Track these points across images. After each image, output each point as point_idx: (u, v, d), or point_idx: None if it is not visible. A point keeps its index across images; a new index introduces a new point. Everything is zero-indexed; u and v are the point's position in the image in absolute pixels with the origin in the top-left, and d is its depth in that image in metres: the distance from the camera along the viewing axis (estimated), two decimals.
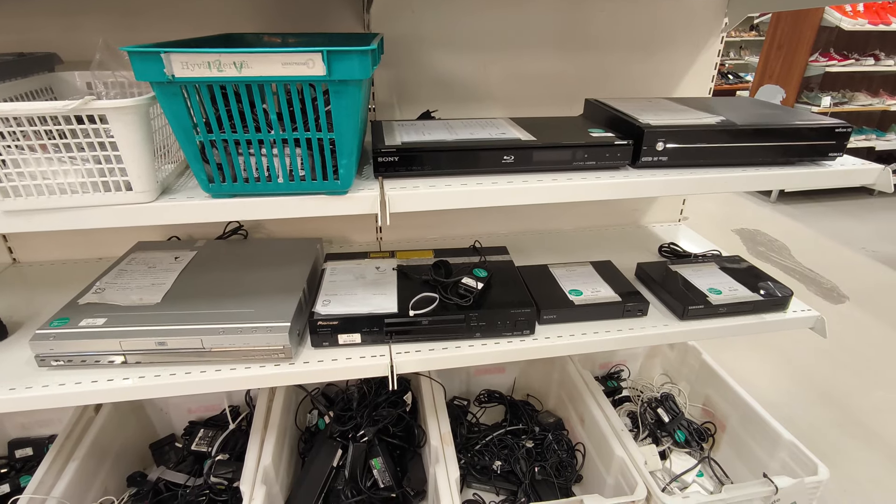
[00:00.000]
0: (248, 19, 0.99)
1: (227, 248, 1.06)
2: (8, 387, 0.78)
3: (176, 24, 0.97)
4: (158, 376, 0.81)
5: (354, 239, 1.24)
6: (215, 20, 0.98)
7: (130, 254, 1.02)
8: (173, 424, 1.28)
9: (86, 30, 0.95)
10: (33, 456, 1.20)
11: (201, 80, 0.58)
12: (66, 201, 0.65)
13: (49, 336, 0.79)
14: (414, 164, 0.75)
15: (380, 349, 0.87)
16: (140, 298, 0.88)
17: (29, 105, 0.57)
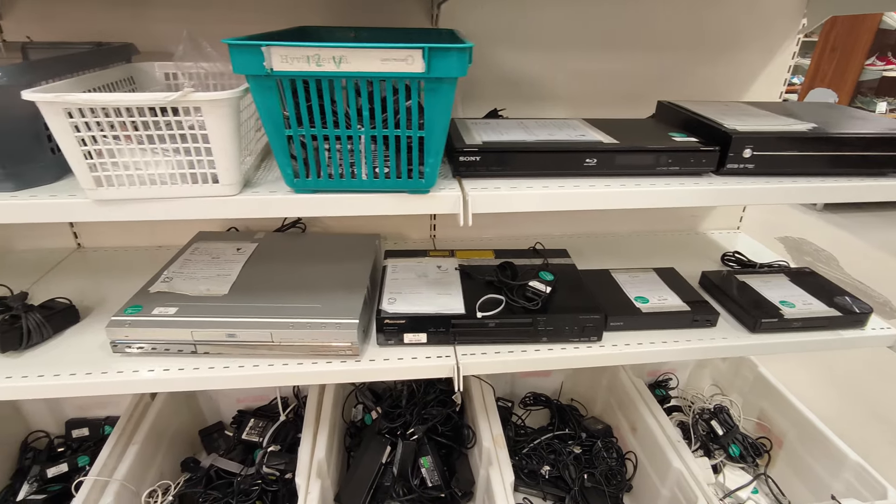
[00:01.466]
0: (315, 12, 0.98)
1: (287, 242, 1.06)
2: (84, 371, 0.80)
3: (246, 15, 0.97)
4: (227, 367, 0.81)
5: (408, 235, 1.23)
6: (284, 13, 0.97)
7: (193, 244, 1.03)
8: (221, 412, 1.30)
9: (159, 20, 0.96)
10: (89, 436, 1.23)
11: (299, 74, 0.58)
12: (155, 192, 0.65)
13: (124, 323, 0.80)
14: (495, 164, 0.74)
15: (444, 350, 0.86)
16: (208, 289, 0.88)
17: (131, 96, 0.57)
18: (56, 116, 0.58)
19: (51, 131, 0.67)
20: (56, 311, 0.87)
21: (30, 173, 0.68)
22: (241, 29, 0.96)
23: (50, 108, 0.58)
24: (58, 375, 0.79)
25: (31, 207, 0.65)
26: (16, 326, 0.82)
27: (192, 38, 0.77)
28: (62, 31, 0.96)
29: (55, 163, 0.71)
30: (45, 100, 0.57)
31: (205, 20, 0.97)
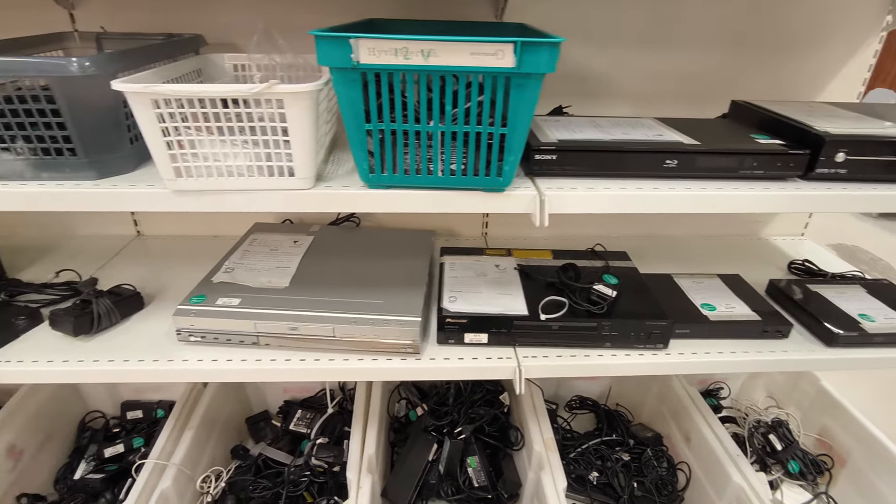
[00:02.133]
0: (381, 5, 0.97)
1: (342, 235, 1.06)
2: (152, 358, 0.81)
3: (312, 7, 0.96)
4: (289, 360, 0.81)
5: (459, 232, 1.22)
6: (350, 5, 0.96)
7: (251, 235, 1.04)
8: (268, 401, 1.31)
9: (226, 12, 0.96)
10: (142, 419, 1.26)
11: (385, 67, 0.56)
12: (232, 184, 0.65)
13: (189, 312, 0.81)
14: (571, 163, 0.71)
15: (505, 351, 0.84)
16: (269, 281, 0.88)
17: (217, 87, 0.57)
18: (143, 107, 0.59)
19: (131, 121, 0.68)
20: (123, 298, 0.89)
21: (111, 162, 0.69)
22: (307, 20, 0.96)
23: (138, 99, 0.58)
24: (127, 361, 0.80)
25: (114, 196, 0.66)
26: (87, 311, 0.84)
27: (267, 29, 0.77)
28: (133, 21, 0.97)
29: (133, 152, 0.72)
30: (135, 90, 0.57)
31: (271, 11, 0.97)
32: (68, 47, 0.90)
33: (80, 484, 1.09)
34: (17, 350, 0.82)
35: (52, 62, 0.59)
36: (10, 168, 0.67)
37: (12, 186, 0.66)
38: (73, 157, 0.66)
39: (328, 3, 0.96)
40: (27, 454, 1.08)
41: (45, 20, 0.97)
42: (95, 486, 1.08)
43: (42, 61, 0.59)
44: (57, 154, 0.66)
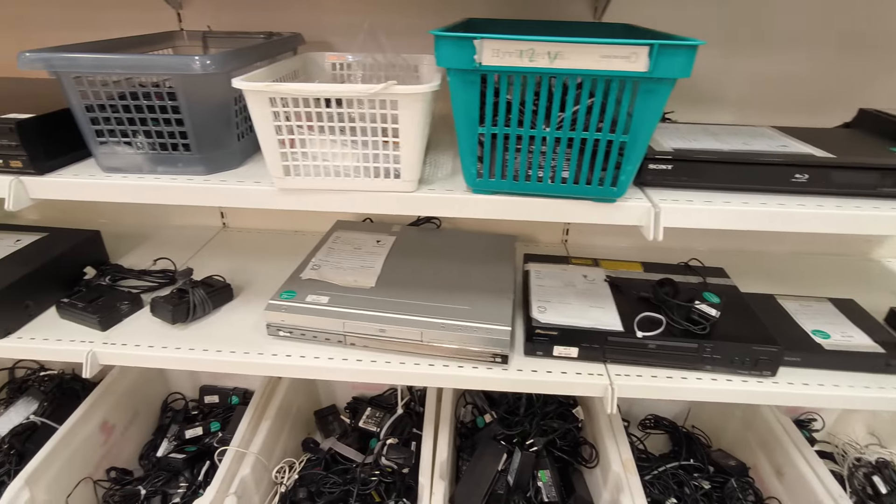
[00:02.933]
0: (475, 5, 0.95)
1: (424, 237, 1.05)
2: (243, 350, 0.82)
3: (410, 7, 0.95)
4: (374, 362, 0.81)
5: (538, 238, 1.18)
6: (448, 5, 0.95)
7: (334, 232, 1.04)
8: (336, 396, 1.33)
9: (324, 11, 0.97)
10: (218, 404, 1.31)
11: (508, 69, 0.54)
12: (339, 184, 0.65)
13: (281, 308, 0.82)
14: (688, 174, 0.67)
15: (596, 367, 0.81)
16: (355, 280, 0.88)
17: (335, 87, 0.57)
18: (260, 105, 0.59)
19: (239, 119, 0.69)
20: (216, 289, 0.91)
21: (219, 158, 0.71)
22: (406, 21, 0.96)
23: (256, 97, 0.59)
24: (220, 352, 0.82)
25: (224, 192, 0.67)
26: (184, 301, 0.87)
27: (372, 29, 0.76)
28: (235, 20, 1.00)
29: (239, 149, 0.73)
30: (257, 89, 0.57)
31: (367, 11, 0.96)
32: (177, 45, 0.93)
33: (164, 462, 1.14)
34: (121, 333, 0.86)
35: (177, 60, 0.61)
36: (130, 161, 0.69)
37: (132, 179, 0.69)
38: (187, 153, 0.68)
39: (422, 4, 0.95)
40: (117, 430, 1.14)
41: (155, 20, 1.01)
42: (177, 466, 1.12)
43: (169, 59, 0.61)
44: (172, 149, 0.68)
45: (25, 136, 0.67)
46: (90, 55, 0.62)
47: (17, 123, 0.66)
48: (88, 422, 1.05)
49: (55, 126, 0.71)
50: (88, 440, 1.05)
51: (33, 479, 0.92)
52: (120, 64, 0.62)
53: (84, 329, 0.87)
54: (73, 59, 0.62)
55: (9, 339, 0.84)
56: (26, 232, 1.02)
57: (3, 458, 1.07)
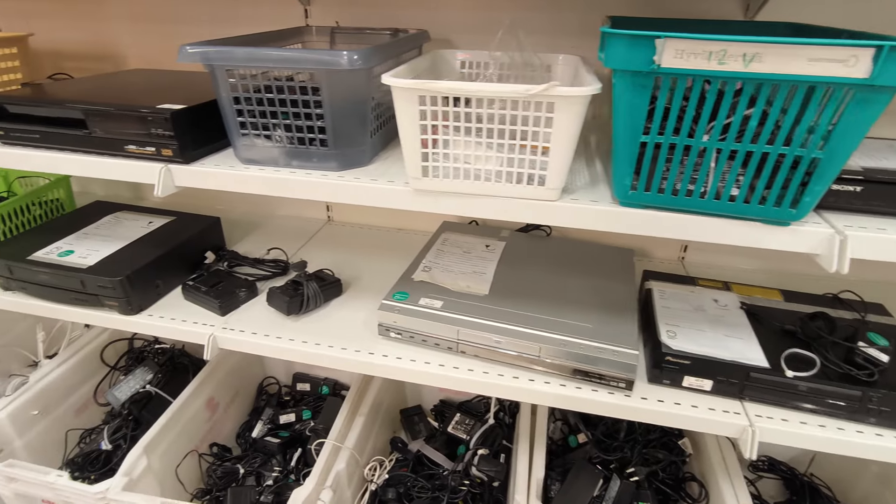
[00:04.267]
0: (612, 2, 0.89)
1: (534, 244, 1.00)
2: (354, 348, 0.82)
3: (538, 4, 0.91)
4: (487, 374, 0.77)
5: (652, 253, 1.10)
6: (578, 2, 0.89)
7: (442, 234, 1.02)
8: (422, 396, 1.32)
9: (451, 8, 0.94)
10: (309, 392, 1.34)
11: (689, 72, 0.48)
12: (477, 188, 0.62)
13: (394, 309, 0.81)
14: (879, 198, 0.57)
15: (731, 404, 0.72)
16: (468, 286, 0.85)
17: (492, 87, 0.53)
18: (408, 102, 0.57)
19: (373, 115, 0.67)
20: (328, 283, 0.92)
21: (351, 155, 0.70)
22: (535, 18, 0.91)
23: (405, 94, 0.57)
24: (331, 347, 0.82)
25: (358, 190, 0.66)
26: (299, 293, 0.88)
27: (512, 27, 0.73)
28: (359, 16, 1.00)
29: (371, 147, 0.72)
30: (407, 86, 0.55)
31: (497, 7, 0.93)
32: (306, 41, 0.95)
33: (260, 444, 1.17)
34: (239, 319, 0.89)
35: (327, 55, 0.60)
36: (267, 154, 0.70)
37: (269, 171, 0.70)
38: (323, 148, 0.68)
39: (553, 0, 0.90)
40: (220, 408, 1.19)
41: (284, 15, 1.03)
42: (272, 449, 1.16)
43: (318, 54, 0.60)
44: (309, 143, 0.68)
45: (178, 125, 0.69)
46: (244, 49, 0.63)
47: (171, 113, 0.69)
48: (197, 398, 1.10)
49: (201, 117, 0.73)
50: (196, 415, 1.10)
51: (150, 447, 0.98)
52: (272, 58, 0.62)
53: (205, 312, 0.91)
54: (228, 53, 0.63)
55: (141, 316, 0.89)
56: (156, 215, 1.08)
57: (122, 422, 1.15)
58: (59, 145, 0.76)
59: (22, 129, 0.76)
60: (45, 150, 0.77)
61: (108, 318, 0.89)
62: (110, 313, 0.89)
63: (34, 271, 0.89)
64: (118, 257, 0.91)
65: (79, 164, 0.74)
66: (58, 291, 0.90)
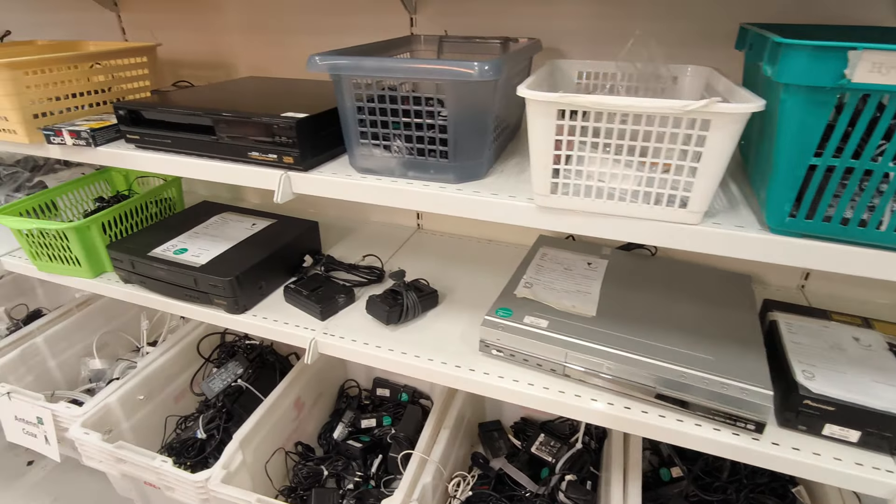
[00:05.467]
0: (748, 9, 0.82)
1: (639, 264, 0.94)
2: (454, 363, 0.80)
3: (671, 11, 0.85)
4: (595, 401, 0.73)
5: (769, 279, 1.01)
6: (709, 10, 0.83)
7: (540, 248, 0.99)
8: (502, 412, 1.28)
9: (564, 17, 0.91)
10: (389, 398, 1.34)
11: (888, 88, 0.42)
12: (609, 208, 0.58)
13: (497, 326, 0.78)
14: None
15: (881, 460, 0.64)
16: (573, 305, 0.82)
17: (642, 102, 0.50)
18: (544, 117, 0.55)
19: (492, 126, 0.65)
20: (425, 294, 0.91)
21: (470, 168, 0.68)
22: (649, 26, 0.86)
23: (541, 108, 0.54)
24: (431, 360, 0.81)
25: (478, 204, 0.65)
26: (398, 303, 0.87)
27: (643, 36, 0.69)
28: (467, 25, 0.99)
29: (488, 159, 0.71)
30: (546, 99, 0.53)
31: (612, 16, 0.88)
32: (414, 49, 0.95)
33: (343, 447, 1.19)
34: (338, 325, 0.90)
35: (456, 66, 0.59)
36: (383, 164, 0.70)
37: (385, 181, 0.69)
38: (443, 160, 0.67)
39: (686, 6, 0.85)
40: (306, 408, 1.21)
41: (390, 24, 1.04)
42: (354, 453, 1.16)
43: (448, 65, 0.59)
44: (429, 155, 0.67)
45: (301, 134, 0.71)
46: (374, 60, 0.63)
47: (296, 122, 0.70)
48: (286, 398, 1.13)
49: (321, 125, 0.74)
50: (285, 414, 1.13)
51: (245, 442, 1.01)
52: (402, 69, 0.62)
53: (304, 315, 0.92)
54: (357, 64, 0.63)
55: (246, 315, 0.92)
56: (258, 217, 1.12)
57: (215, 413, 1.20)
58: (189, 150, 0.80)
59: (156, 135, 0.81)
60: (175, 155, 0.81)
61: (216, 316, 0.93)
62: (218, 311, 0.93)
63: (154, 267, 0.94)
64: (227, 258, 0.95)
65: (206, 168, 0.78)
66: (172, 287, 0.95)
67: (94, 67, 0.95)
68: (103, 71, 0.97)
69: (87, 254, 1.01)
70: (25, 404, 1.13)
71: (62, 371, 1.37)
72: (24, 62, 0.83)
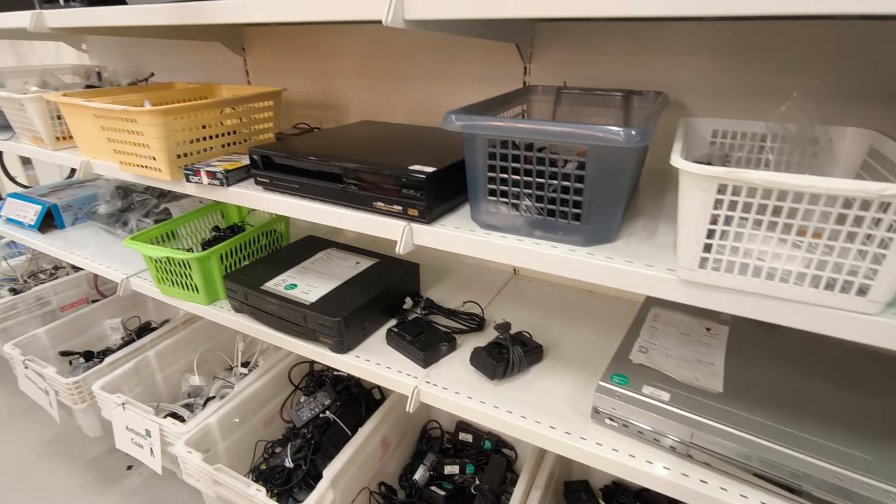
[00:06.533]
0: None
1: (766, 333, 0.87)
2: (563, 429, 0.77)
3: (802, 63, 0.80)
4: (725, 490, 0.66)
5: None
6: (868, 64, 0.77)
7: (651, 309, 0.93)
8: (590, 472, 1.21)
9: (692, 69, 0.88)
10: (471, 444, 1.31)
11: None
12: (769, 289, 0.53)
13: (614, 394, 0.74)
14: None
15: None
16: (696, 378, 0.76)
17: (833, 183, 0.45)
18: (702, 191, 0.51)
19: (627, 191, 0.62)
20: (530, 349, 0.88)
21: (600, 231, 0.66)
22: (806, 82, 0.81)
23: (700, 182, 0.51)
24: (538, 423, 0.78)
25: (611, 272, 0.62)
26: (504, 357, 0.85)
27: (802, 97, 0.64)
28: (584, 76, 0.97)
29: (619, 223, 0.68)
30: (709, 174, 0.49)
31: (745, 69, 0.84)
32: (531, 100, 0.95)
33: (426, 493, 1.16)
34: (440, 374, 0.89)
35: (602, 132, 0.57)
36: (509, 221, 0.69)
37: (510, 240, 0.68)
38: (574, 222, 0.65)
39: (841, 58, 0.79)
40: (391, 447, 1.20)
41: (503, 73, 1.05)
42: (437, 500, 1.14)
43: (591, 130, 0.57)
44: (559, 216, 0.65)
45: (428, 187, 0.71)
46: (512, 122, 0.62)
47: (426, 176, 0.71)
48: (375, 435, 1.13)
49: (446, 178, 0.75)
50: (372, 453, 1.13)
51: (335, 480, 1.01)
52: (542, 131, 0.61)
53: (405, 360, 0.92)
54: (496, 125, 0.63)
55: (349, 356, 0.93)
56: (360, 255, 1.15)
57: (303, 443, 1.22)
58: (315, 195, 0.83)
59: (285, 180, 0.85)
60: (301, 199, 0.85)
61: (320, 354, 0.95)
62: (323, 349, 0.95)
63: (266, 301, 0.98)
64: (334, 297, 0.97)
65: (331, 214, 0.80)
66: (281, 321, 0.98)
67: (228, 111, 1.03)
68: (235, 114, 1.05)
69: (205, 282, 1.08)
70: (137, 416, 1.21)
71: (166, 384, 1.46)
72: (175, 109, 0.91)
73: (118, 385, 1.32)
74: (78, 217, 1.56)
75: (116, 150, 1.01)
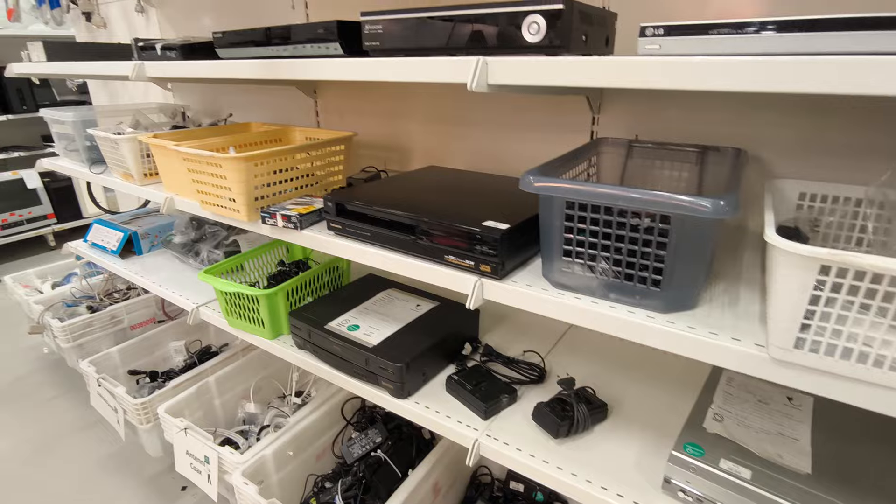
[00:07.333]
0: None
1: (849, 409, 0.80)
2: (632, 497, 0.73)
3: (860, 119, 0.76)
4: None
5: None
6: None
7: (724, 372, 0.89)
8: None
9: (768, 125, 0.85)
10: (523, 494, 1.27)
11: None
12: (871, 375, 0.50)
13: (689, 466, 0.70)
14: None
15: None
16: (779, 455, 0.71)
17: None
18: (802, 270, 0.49)
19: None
20: (595, 407, 0.86)
21: (679, 298, 0.64)
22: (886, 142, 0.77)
23: (799, 262, 0.49)
24: (605, 490, 0.75)
25: (693, 343, 0.60)
26: (568, 415, 0.83)
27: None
28: (653, 129, 0.96)
29: (699, 290, 0.66)
30: (812, 255, 0.47)
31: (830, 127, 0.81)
32: (601, 152, 0.94)
33: None
34: (500, 427, 0.87)
35: (687, 201, 0.56)
36: (584, 283, 0.68)
37: (585, 302, 0.67)
38: (653, 288, 0.63)
39: None
40: (441, 493, 1.19)
41: (570, 122, 1.05)
42: None
43: (676, 199, 0.56)
44: (639, 281, 0.64)
45: (502, 245, 0.72)
46: (594, 188, 0.62)
47: (501, 234, 0.71)
48: (427, 481, 1.12)
49: (520, 234, 0.75)
50: (424, 498, 1.11)
51: None
52: (624, 198, 0.60)
53: (464, 409, 0.91)
54: (576, 191, 0.63)
55: (408, 402, 0.93)
56: (421, 297, 1.16)
57: (353, 480, 1.22)
58: (385, 244, 0.85)
59: (357, 227, 0.88)
60: (371, 247, 0.87)
61: (380, 397, 0.96)
62: (383, 393, 0.96)
63: (329, 340, 1.01)
64: (396, 341, 0.98)
65: (402, 264, 0.82)
66: (343, 362, 1.00)
67: (303, 155, 1.08)
68: (308, 158, 1.10)
69: (271, 317, 1.11)
70: (197, 442, 1.24)
71: (223, 409, 1.50)
72: (257, 156, 0.96)
73: (181, 409, 1.37)
74: (154, 244, 1.66)
75: (200, 190, 1.07)
